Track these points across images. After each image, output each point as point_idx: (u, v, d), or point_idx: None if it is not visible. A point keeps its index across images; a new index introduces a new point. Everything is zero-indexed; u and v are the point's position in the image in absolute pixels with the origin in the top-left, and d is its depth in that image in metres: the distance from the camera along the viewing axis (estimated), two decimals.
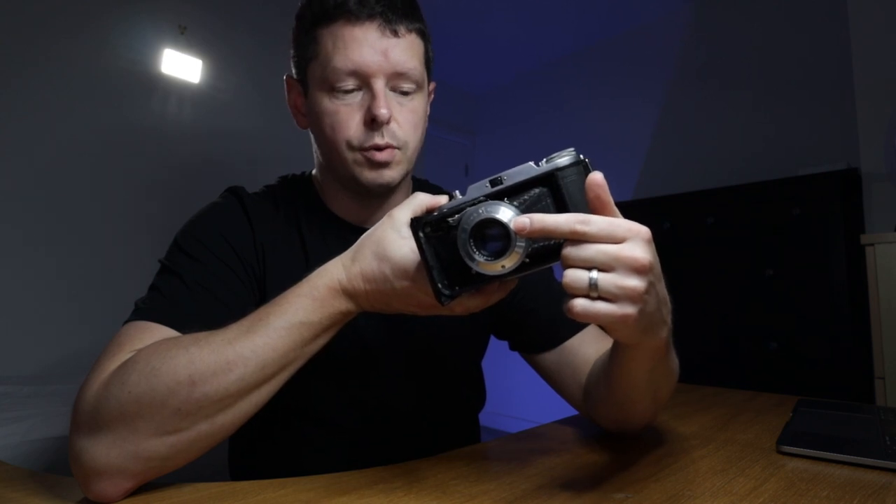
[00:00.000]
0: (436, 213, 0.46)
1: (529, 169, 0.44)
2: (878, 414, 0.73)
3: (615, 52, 3.27)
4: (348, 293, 0.50)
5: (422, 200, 0.49)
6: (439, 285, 0.46)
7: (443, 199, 0.47)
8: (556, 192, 0.44)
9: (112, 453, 0.44)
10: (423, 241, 0.46)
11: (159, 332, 0.54)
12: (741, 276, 2.15)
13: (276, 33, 0.72)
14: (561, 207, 0.43)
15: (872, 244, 1.49)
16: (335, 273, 0.51)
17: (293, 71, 0.73)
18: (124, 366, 0.47)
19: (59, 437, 1.25)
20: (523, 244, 0.41)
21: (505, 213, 0.42)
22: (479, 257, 0.42)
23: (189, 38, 2.42)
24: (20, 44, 2.00)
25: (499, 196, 0.44)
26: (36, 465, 1.18)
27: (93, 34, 2.18)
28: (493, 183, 0.45)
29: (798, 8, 2.50)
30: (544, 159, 0.44)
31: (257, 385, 0.49)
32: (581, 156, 0.44)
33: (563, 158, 0.44)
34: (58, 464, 1.20)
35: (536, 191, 0.44)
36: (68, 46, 2.11)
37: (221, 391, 0.47)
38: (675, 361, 0.59)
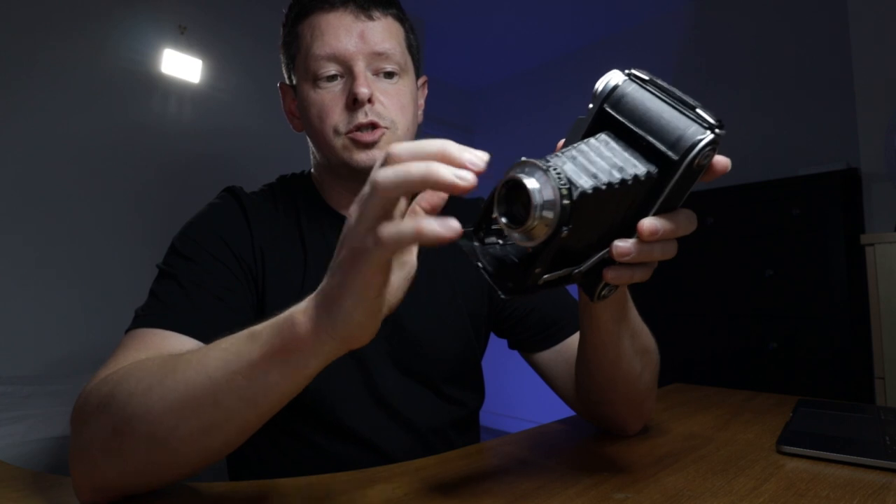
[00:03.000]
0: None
1: (581, 122, 0.38)
2: (878, 414, 0.73)
3: (614, 50, 3.27)
4: (307, 300, 0.37)
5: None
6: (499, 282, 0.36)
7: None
8: (616, 128, 0.37)
9: (81, 460, 0.43)
10: (477, 249, 0.38)
11: (158, 337, 0.54)
12: (741, 276, 2.15)
13: (276, 33, 0.72)
14: (628, 140, 0.36)
15: (872, 244, 1.49)
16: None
17: (284, 76, 0.74)
18: (104, 379, 0.46)
19: (59, 437, 1.25)
20: (550, 215, 0.32)
21: (535, 179, 0.33)
22: (502, 218, 0.35)
23: (189, 38, 2.42)
24: (20, 44, 2.00)
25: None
26: (36, 465, 1.18)
27: (93, 34, 2.18)
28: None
29: (798, 8, 2.50)
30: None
31: (185, 406, 0.39)
32: (622, 71, 0.38)
33: (602, 84, 0.37)
34: (58, 464, 1.20)
35: (594, 139, 0.37)
36: (69, 47, 2.11)
37: (150, 407, 0.40)
38: (641, 324, 0.58)
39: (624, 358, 0.56)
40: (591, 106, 0.38)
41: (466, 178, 0.31)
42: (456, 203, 0.84)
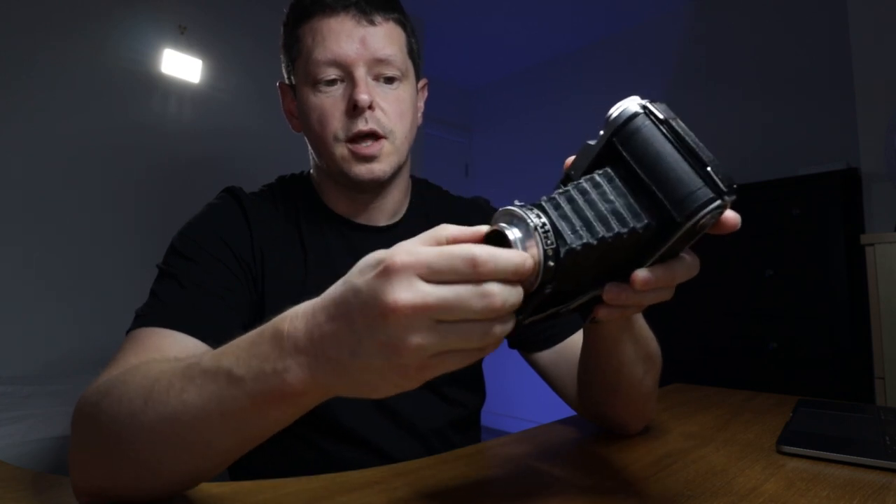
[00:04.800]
0: None
1: (589, 149, 0.36)
2: (878, 414, 0.73)
3: (614, 50, 3.27)
4: (292, 341, 0.33)
5: (438, 233, 0.32)
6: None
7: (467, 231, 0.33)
8: (623, 166, 0.35)
9: (77, 463, 0.43)
10: None
11: (158, 336, 0.54)
12: (741, 276, 2.15)
13: (276, 33, 0.72)
14: (633, 182, 0.34)
15: (872, 244, 1.49)
16: (290, 311, 0.35)
17: (284, 76, 0.74)
18: (97, 386, 0.46)
19: (59, 437, 1.25)
20: (532, 276, 0.31)
21: (519, 229, 0.31)
22: None
23: (189, 38, 2.42)
24: (21, 44, 2.00)
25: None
26: (36, 465, 1.18)
27: (93, 34, 2.18)
28: (564, 183, 0.35)
29: (798, 8, 2.50)
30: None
31: (173, 442, 0.38)
32: (640, 101, 0.35)
33: (616, 112, 0.35)
34: (58, 464, 1.20)
35: (598, 176, 0.35)
36: (69, 46, 2.12)
37: (134, 435, 0.39)
38: (647, 331, 0.58)
39: (626, 364, 0.56)
40: (601, 133, 0.36)
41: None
42: (454, 203, 0.84)
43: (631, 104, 0.35)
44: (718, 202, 0.32)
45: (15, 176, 1.98)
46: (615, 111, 0.36)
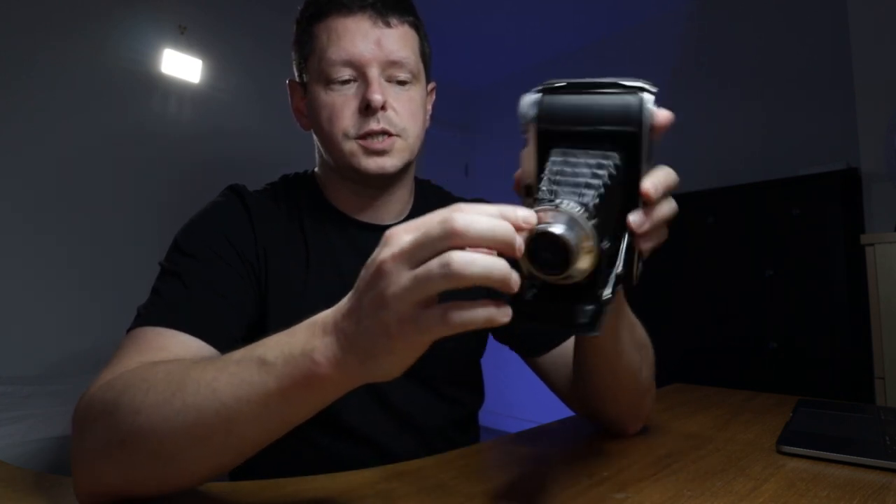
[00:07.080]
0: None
1: (528, 153, 0.36)
2: (878, 414, 0.73)
3: (614, 50, 3.27)
4: (321, 325, 0.36)
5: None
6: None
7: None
8: (563, 138, 0.36)
9: (83, 464, 0.44)
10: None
11: (161, 336, 0.54)
12: (741, 276, 2.15)
13: (276, 33, 0.72)
14: (581, 141, 0.35)
15: (872, 244, 1.49)
16: (323, 311, 0.38)
17: (295, 74, 0.74)
18: (109, 383, 0.46)
19: (59, 437, 1.25)
20: (590, 243, 0.30)
21: (561, 217, 0.31)
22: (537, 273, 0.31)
23: (189, 38, 2.42)
24: (21, 44, 2.01)
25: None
26: (36, 465, 1.18)
27: (93, 34, 2.18)
28: (529, 194, 0.35)
29: (798, 7, 2.50)
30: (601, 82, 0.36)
31: (196, 432, 0.39)
32: (536, 89, 0.37)
33: (525, 107, 0.37)
34: (58, 464, 1.20)
35: (553, 159, 0.35)
36: (69, 47, 2.12)
37: (157, 426, 0.40)
38: (635, 318, 0.58)
39: (624, 353, 0.56)
40: (526, 134, 0.38)
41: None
42: (427, 191, 0.84)
43: (528, 96, 0.38)
44: (647, 95, 0.35)
45: (15, 176, 1.98)
46: (524, 108, 0.38)
